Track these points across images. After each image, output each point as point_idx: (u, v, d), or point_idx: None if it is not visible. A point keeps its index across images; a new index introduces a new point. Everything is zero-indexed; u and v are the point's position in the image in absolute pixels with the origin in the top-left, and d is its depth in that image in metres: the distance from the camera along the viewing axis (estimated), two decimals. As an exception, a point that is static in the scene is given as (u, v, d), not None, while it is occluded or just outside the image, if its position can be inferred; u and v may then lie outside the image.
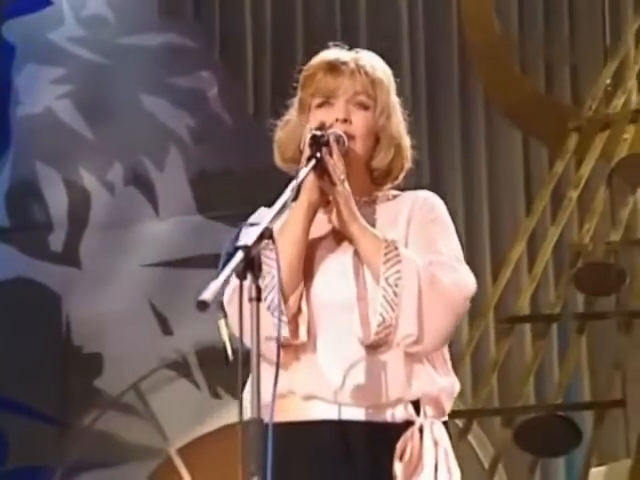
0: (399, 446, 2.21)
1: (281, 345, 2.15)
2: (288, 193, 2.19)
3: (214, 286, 1.94)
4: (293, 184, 2.21)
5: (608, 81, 5.30)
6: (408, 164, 2.42)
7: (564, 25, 6.08)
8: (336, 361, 2.21)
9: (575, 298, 5.24)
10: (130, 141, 6.31)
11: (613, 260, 5.01)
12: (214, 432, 5.81)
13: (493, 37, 6.01)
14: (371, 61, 2.41)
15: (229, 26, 6.46)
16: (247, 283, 1.97)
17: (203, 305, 1.92)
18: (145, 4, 6.51)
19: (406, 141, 2.42)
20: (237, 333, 2.16)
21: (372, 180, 2.40)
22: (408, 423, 2.23)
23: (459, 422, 5.27)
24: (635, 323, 4.95)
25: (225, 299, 2.24)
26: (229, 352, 2.09)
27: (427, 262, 2.27)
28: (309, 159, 2.25)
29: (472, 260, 5.85)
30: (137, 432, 6.08)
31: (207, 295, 1.92)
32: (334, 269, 2.28)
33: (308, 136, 2.29)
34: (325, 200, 2.29)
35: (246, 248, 2.00)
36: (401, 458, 2.19)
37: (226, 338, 2.06)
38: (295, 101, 2.46)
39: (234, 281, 2.16)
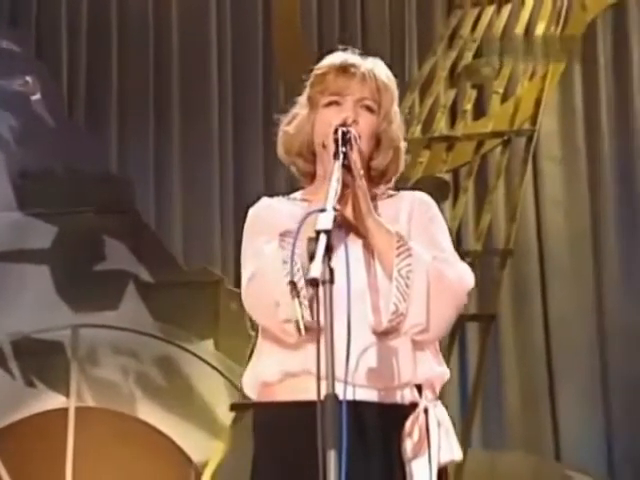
0: (408, 425, 2.26)
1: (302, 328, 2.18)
2: (334, 184, 2.21)
3: (317, 265, 2.01)
4: (336, 176, 2.23)
5: (407, 110, 5.55)
6: (402, 167, 2.49)
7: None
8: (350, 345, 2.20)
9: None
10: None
11: None
12: (26, 419, 5.75)
13: (301, 52, 6.12)
14: (379, 68, 2.47)
15: (45, 30, 6.47)
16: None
17: (314, 282, 2.00)
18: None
19: (403, 145, 2.48)
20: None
21: (369, 179, 2.42)
22: (413, 405, 2.29)
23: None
24: None
25: (244, 283, 2.31)
26: (302, 328, 2.16)
27: (432, 257, 2.32)
28: (337, 153, 2.29)
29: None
30: (-49, 419, 6.10)
31: (316, 273, 2.00)
32: (343, 258, 2.24)
33: (332, 132, 2.33)
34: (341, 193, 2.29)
35: (327, 232, 2.07)
36: (409, 437, 2.26)
37: (299, 316, 2.14)
38: (303, 98, 2.49)
39: (250, 268, 2.28)
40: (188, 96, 6.35)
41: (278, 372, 2.33)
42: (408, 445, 2.25)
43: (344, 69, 2.42)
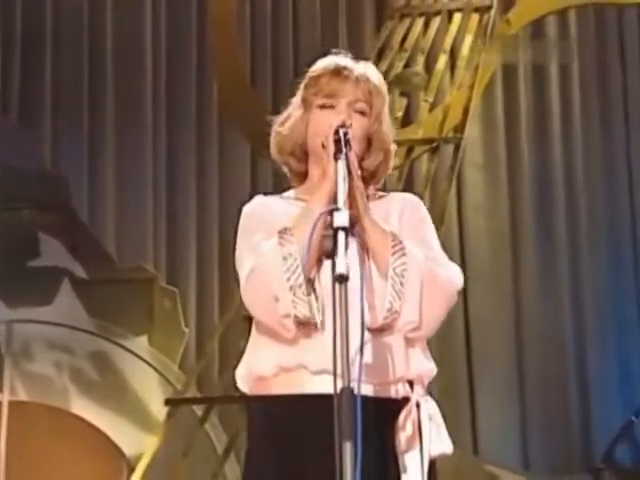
0: (401, 419, 2.29)
1: (299, 323, 2.25)
2: (342, 183, 2.24)
3: (342, 261, 2.05)
4: (342, 175, 2.25)
5: None
6: (390, 169, 2.52)
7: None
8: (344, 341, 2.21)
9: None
10: None
11: None
12: None
13: (242, 79, 6.28)
14: (371, 71, 2.48)
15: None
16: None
17: (343, 278, 2.03)
18: None
19: (393, 147, 2.51)
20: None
21: (361, 180, 2.40)
22: (406, 399, 2.32)
23: (197, 409, 5.80)
24: None
25: (243, 279, 2.32)
26: (318, 321, 2.24)
27: (424, 257, 2.34)
28: (338, 153, 2.31)
29: (206, 263, 6.44)
30: None
31: (343, 269, 2.04)
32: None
33: (332, 133, 2.34)
34: None
35: (345, 229, 2.11)
36: (402, 430, 2.29)
37: (316, 311, 2.22)
38: (296, 99, 2.49)
39: (248, 264, 2.29)
40: (122, 95, 6.35)
41: (273, 366, 2.33)
42: (402, 438, 2.29)
43: (338, 72, 2.44)
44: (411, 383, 2.36)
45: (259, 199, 2.50)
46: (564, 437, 6.10)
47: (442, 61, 5.75)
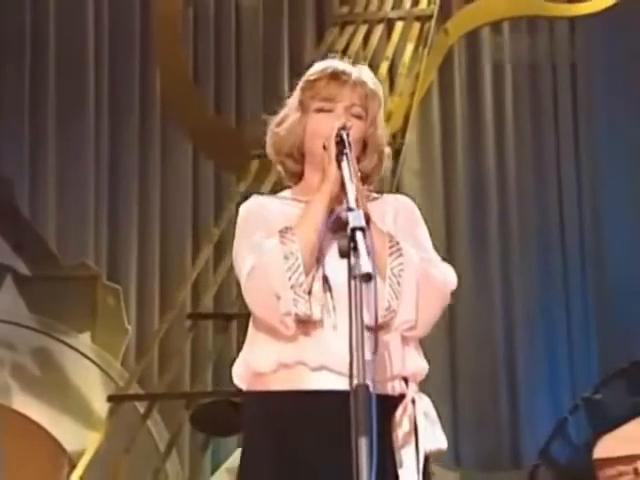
0: (398, 416, 2.33)
1: (298, 320, 2.29)
2: (350, 184, 2.27)
3: (366, 260, 2.07)
4: (348, 175, 2.29)
5: None
6: (383, 171, 2.56)
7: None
8: (343, 338, 2.23)
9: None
10: None
11: None
12: None
13: (186, 77, 6.28)
14: (368, 76, 2.51)
15: None
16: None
17: (369, 277, 2.06)
18: None
19: (386, 150, 2.55)
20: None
21: None
22: (402, 396, 2.35)
23: (139, 406, 5.82)
24: None
25: (243, 277, 2.34)
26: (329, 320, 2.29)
27: (419, 258, 2.38)
28: (341, 155, 2.34)
29: (148, 261, 6.47)
30: None
31: (369, 268, 2.06)
32: (337, 256, 2.28)
33: (334, 134, 2.37)
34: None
35: (362, 229, 2.13)
36: (399, 426, 2.32)
37: (331, 309, 2.27)
38: (293, 101, 2.51)
39: (249, 262, 2.31)
40: (64, 96, 6.29)
41: (273, 363, 2.34)
42: (398, 434, 2.32)
43: (336, 76, 2.46)
44: (406, 380, 2.39)
45: (256, 199, 2.52)
46: (494, 435, 6.26)
47: (384, 68, 5.85)
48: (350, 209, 2.19)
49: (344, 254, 2.13)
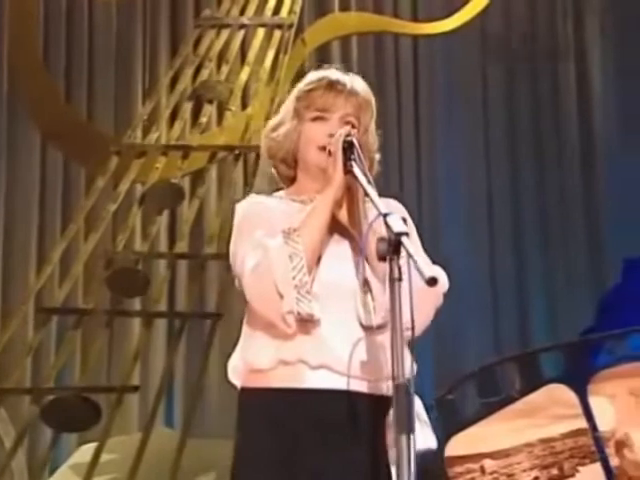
0: (391, 416, 2.24)
1: (300, 320, 2.29)
2: (368, 187, 2.30)
3: (424, 264, 2.10)
4: (363, 180, 2.32)
5: (145, 117, 5.79)
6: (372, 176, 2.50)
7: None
8: (341, 338, 2.29)
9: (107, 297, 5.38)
10: None
11: (140, 268, 5.40)
12: None
13: (37, 66, 6.15)
14: (361, 85, 2.53)
15: None
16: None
17: (434, 281, 2.07)
18: None
19: (377, 156, 2.56)
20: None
21: None
22: None
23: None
24: (154, 322, 5.44)
25: (246, 273, 2.32)
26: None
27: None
28: (346, 162, 2.38)
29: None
30: None
31: (433, 272, 2.09)
32: (335, 257, 2.37)
33: (341, 141, 2.39)
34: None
35: (407, 234, 2.14)
36: (391, 427, 2.26)
37: (372, 309, 2.30)
38: (288, 109, 2.53)
39: (252, 259, 2.31)
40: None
41: (272, 359, 2.33)
42: (391, 433, 2.25)
43: (331, 86, 2.49)
44: None
45: (255, 197, 2.54)
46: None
47: (245, 73, 5.91)
48: (387, 214, 2.22)
49: (381, 257, 2.15)
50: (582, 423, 5.15)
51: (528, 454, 5.19)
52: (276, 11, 6.09)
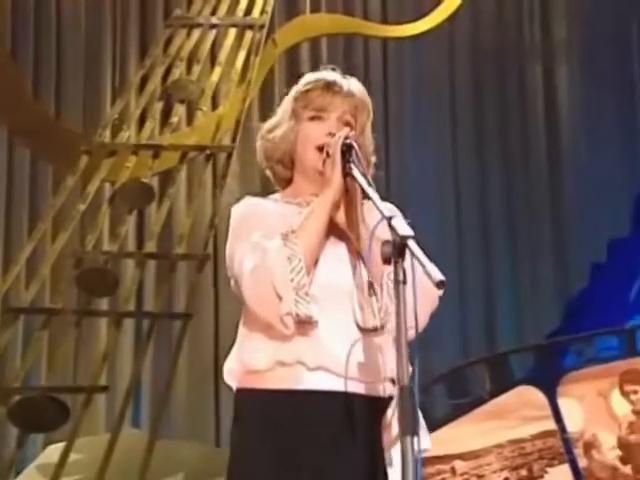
0: (388, 417, 2.32)
1: (299, 321, 2.28)
2: (369, 189, 2.30)
3: (432, 267, 2.08)
4: (363, 183, 2.31)
5: (116, 116, 5.73)
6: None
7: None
8: (338, 339, 2.28)
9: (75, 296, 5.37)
10: None
11: (110, 267, 5.34)
12: None
13: (4, 60, 6.03)
14: (358, 87, 2.53)
15: None
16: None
17: (443, 284, 2.07)
18: None
19: (373, 158, 2.57)
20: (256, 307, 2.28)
21: None
22: (391, 398, 2.33)
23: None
24: (123, 322, 5.30)
25: (244, 275, 2.32)
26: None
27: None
28: (345, 164, 2.38)
29: None
30: None
31: (441, 275, 2.07)
32: (333, 259, 2.37)
33: (340, 143, 2.39)
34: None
35: (414, 238, 2.13)
36: (389, 427, 2.31)
37: (384, 311, 2.28)
38: (285, 109, 2.52)
39: (250, 260, 2.30)
40: None
41: (270, 360, 2.32)
42: (388, 435, 2.32)
43: (328, 87, 2.49)
44: (393, 382, 2.36)
45: (251, 199, 2.51)
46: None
47: (217, 73, 5.88)
48: (392, 217, 2.20)
49: (386, 260, 2.13)
50: (551, 424, 5.18)
51: (498, 455, 5.22)
52: (248, 12, 6.05)
